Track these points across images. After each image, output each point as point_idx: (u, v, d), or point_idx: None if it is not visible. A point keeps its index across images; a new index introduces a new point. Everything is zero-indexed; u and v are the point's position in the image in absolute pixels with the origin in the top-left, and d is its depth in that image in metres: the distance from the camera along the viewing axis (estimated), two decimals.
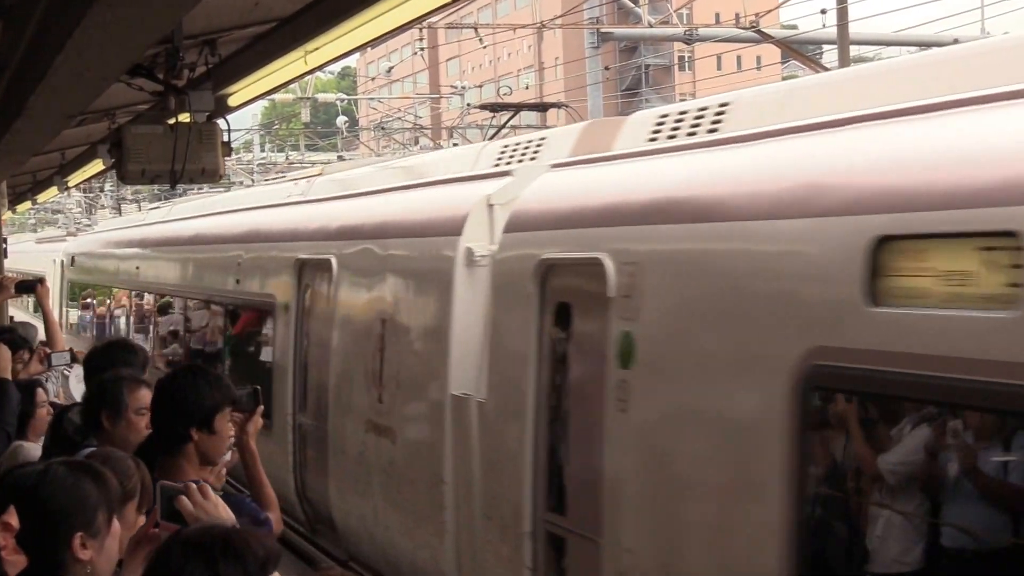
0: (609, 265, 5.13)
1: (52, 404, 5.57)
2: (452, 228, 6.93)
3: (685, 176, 5.22)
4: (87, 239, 21.68)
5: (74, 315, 20.14)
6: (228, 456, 3.87)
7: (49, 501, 2.57)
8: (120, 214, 29.87)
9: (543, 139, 7.51)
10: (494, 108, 14.31)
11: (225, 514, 2.89)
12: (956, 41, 12.37)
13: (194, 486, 2.92)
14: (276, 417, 9.22)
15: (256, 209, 11.91)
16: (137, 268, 15.41)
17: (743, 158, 4.93)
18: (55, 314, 8.22)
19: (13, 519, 2.48)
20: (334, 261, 8.49)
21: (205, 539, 2.25)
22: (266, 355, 10.07)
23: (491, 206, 6.76)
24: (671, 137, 5.86)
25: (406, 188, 8.56)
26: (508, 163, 7.64)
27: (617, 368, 5.03)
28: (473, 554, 6.47)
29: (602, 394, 5.14)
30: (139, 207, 31.71)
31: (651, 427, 4.91)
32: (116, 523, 2.70)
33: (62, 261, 21.38)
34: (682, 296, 4.82)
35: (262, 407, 3.95)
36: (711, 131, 5.55)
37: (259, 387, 3.99)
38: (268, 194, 12.82)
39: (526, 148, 7.59)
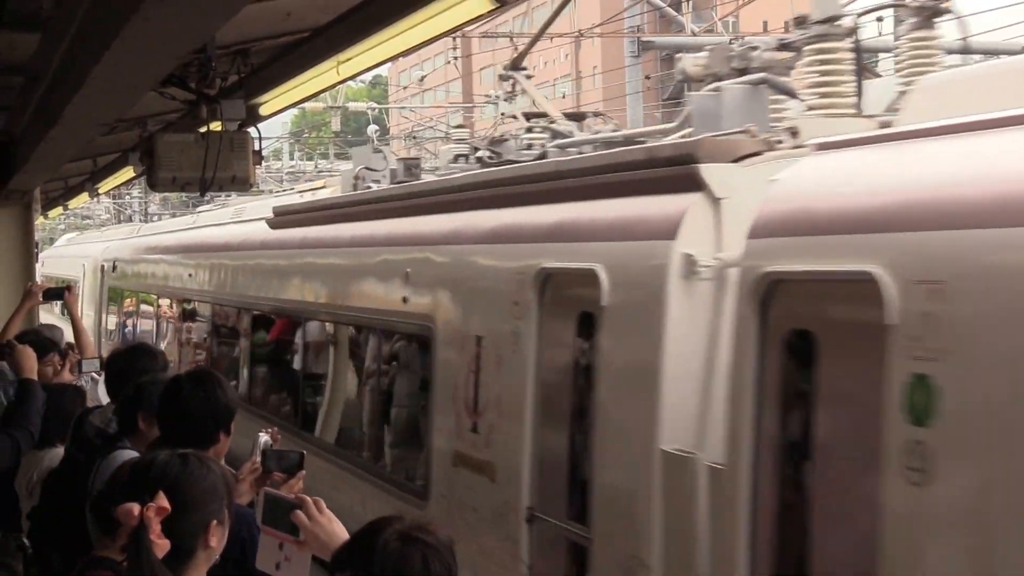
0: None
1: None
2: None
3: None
4: None
5: None
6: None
7: (191, 491, 2.77)
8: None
9: None
10: (528, 117, 14.41)
11: (338, 529, 2.99)
12: None
13: (310, 500, 3.05)
14: None
15: None
16: None
17: None
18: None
19: (165, 503, 2.67)
20: None
21: (415, 531, 2.46)
22: None
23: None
24: None
25: None
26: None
27: (906, 424, 3.56)
28: None
29: (878, 460, 3.66)
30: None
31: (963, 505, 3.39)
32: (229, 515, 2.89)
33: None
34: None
35: (304, 472, 3.78)
36: None
37: (304, 452, 3.88)
38: None
39: None
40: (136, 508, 2.63)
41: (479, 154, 8.52)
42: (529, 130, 8.55)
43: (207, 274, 12.80)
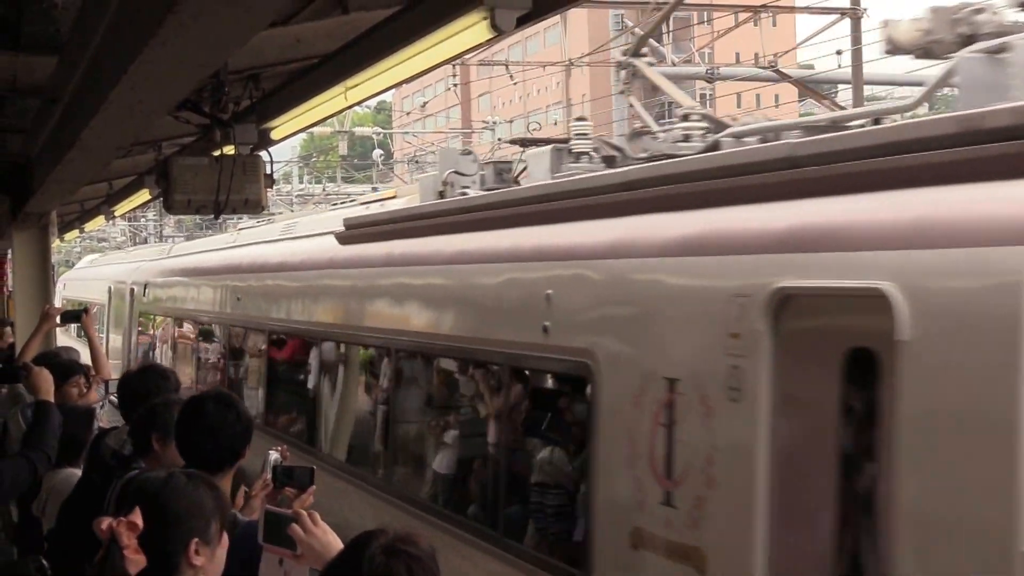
0: None
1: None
2: None
3: None
4: None
5: None
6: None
7: (171, 506, 2.66)
8: None
9: None
10: (524, 143, 14.31)
11: (333, 540, 2.93)
12: None
13: (305, 514, 2.99)
14: None
15: None
16: None
17: None
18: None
19: (138, 519, 2.57)
20: None
21: (399, 543, 2.43)
22: None
23: None
24: None
25: None
26: None
27: None
28: None
29: None
30: None
31: None
32: (225, 534, 2.77)
33: None
34: None
35: (314, 487, 3.61)
36: None
37: (314, 467, 3.76)
38: None
39: None
40: (106, 522, 2.56)
41: (604, 152, 6.46)
42: (685, 117, 6.39)
43: (261, 298, 10.61)
